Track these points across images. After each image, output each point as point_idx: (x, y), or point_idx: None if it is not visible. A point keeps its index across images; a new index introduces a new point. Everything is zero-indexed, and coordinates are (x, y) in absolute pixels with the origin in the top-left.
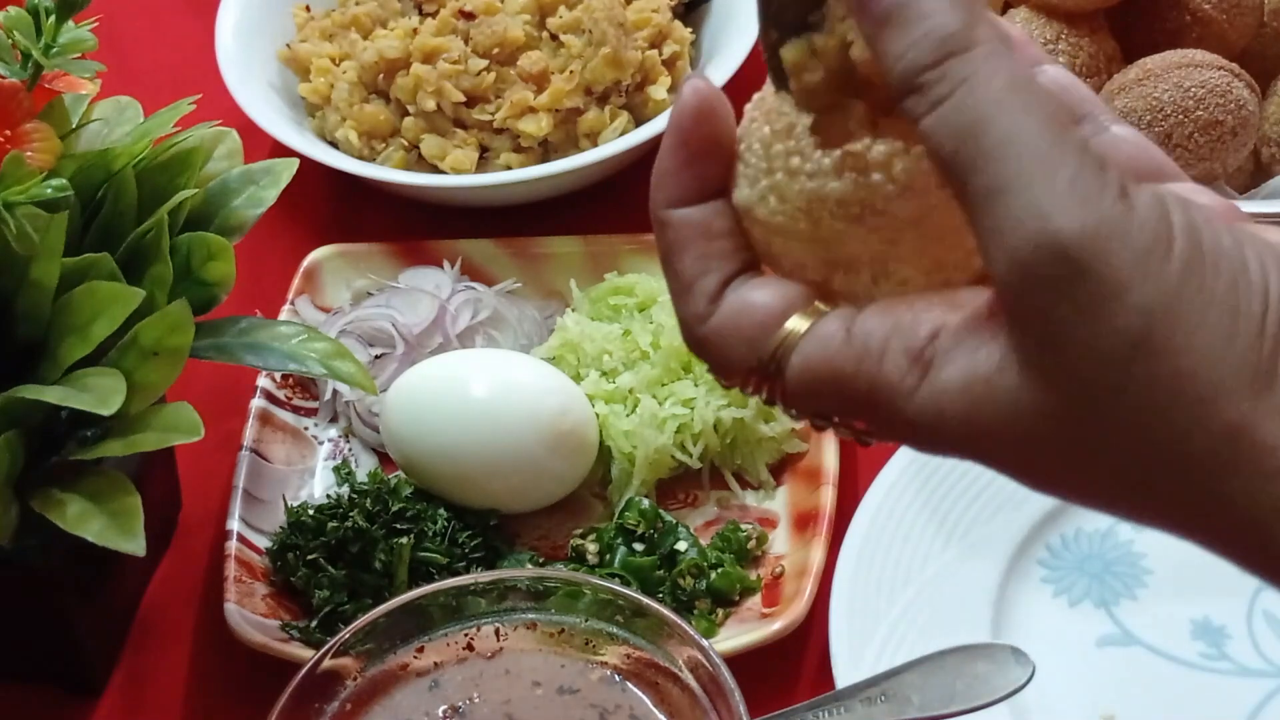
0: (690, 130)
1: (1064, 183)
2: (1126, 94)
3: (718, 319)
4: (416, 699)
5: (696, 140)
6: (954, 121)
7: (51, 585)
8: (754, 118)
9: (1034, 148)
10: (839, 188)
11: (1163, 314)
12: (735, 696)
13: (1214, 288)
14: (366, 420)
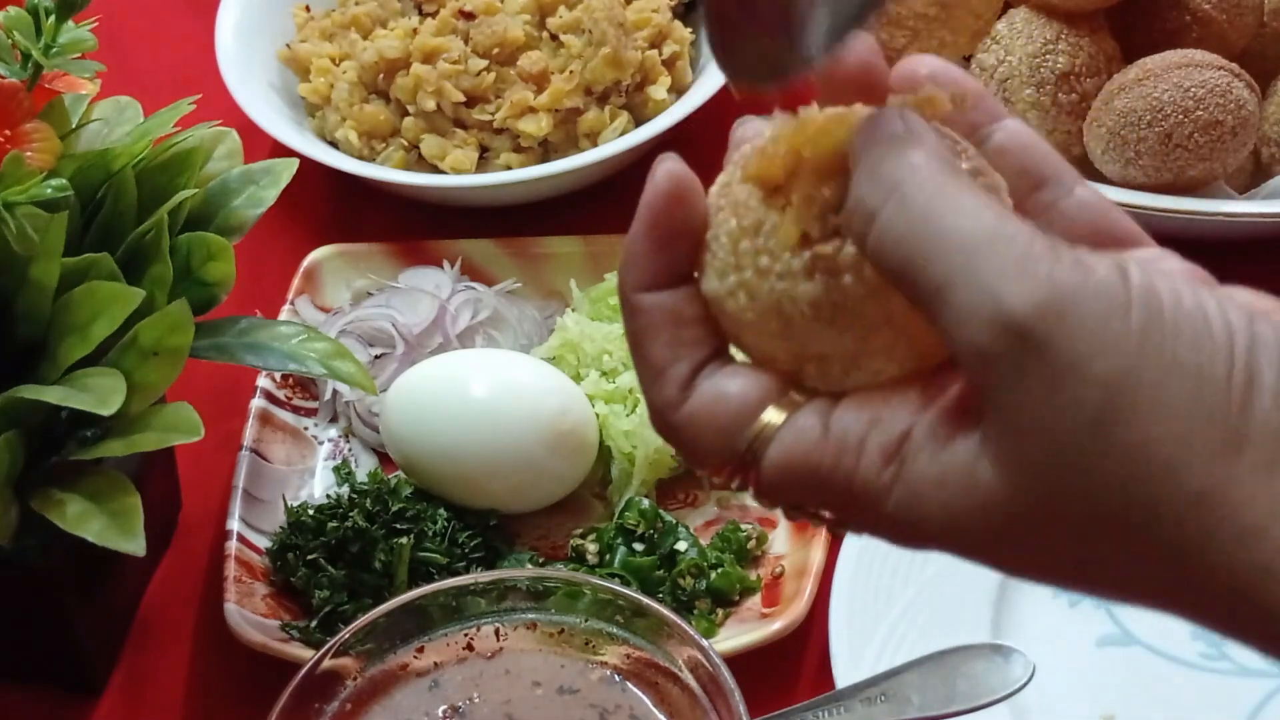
0: (661, 214)
1: (1011, 262)
2: (1126, 94)
3: (690, 407)
4: (416, 699)
5: (667, 224)
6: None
7: (51, 585)
8: (720, 206)
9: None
10: (810, 290)
11: (1122, 383)
12: (735, 696)
13: (1175, 351)
14: (366, 420)
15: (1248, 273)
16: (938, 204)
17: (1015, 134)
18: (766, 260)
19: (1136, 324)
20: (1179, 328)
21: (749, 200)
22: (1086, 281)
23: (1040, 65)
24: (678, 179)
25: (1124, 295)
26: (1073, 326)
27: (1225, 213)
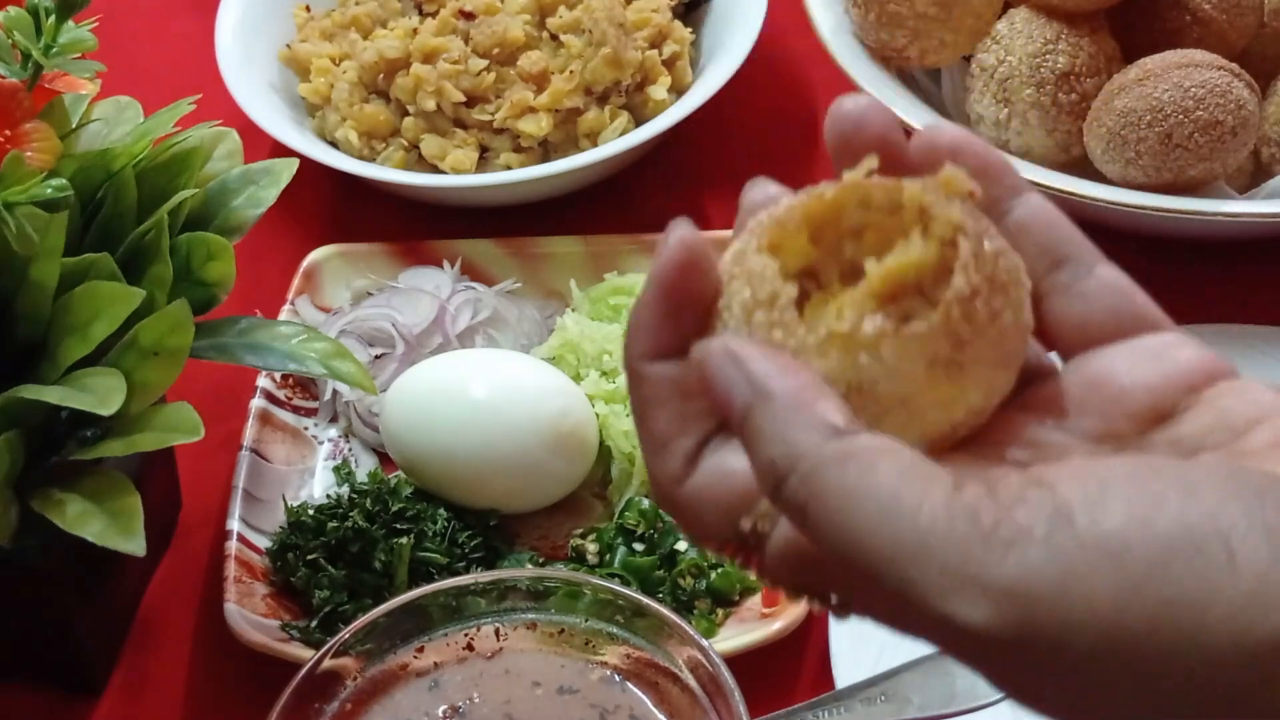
0: (673, 284)
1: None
2: (1126, 94)
3: (694, 483)
4: (416, 699)
5: (679, 295)
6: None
7: (51, 585)
8: (734, 275)
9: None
10: (823, 367)
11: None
12: (735, 696)
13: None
14: (366, 420)
15: (1248, 273)
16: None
17: (1037, 210)
18: (780, 334)
19: (1105, 588)
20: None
21: (764, 271)
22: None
23: (1040, 65)
24: (690, 247)
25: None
26: (1042, 622)
27: (1225, 213)
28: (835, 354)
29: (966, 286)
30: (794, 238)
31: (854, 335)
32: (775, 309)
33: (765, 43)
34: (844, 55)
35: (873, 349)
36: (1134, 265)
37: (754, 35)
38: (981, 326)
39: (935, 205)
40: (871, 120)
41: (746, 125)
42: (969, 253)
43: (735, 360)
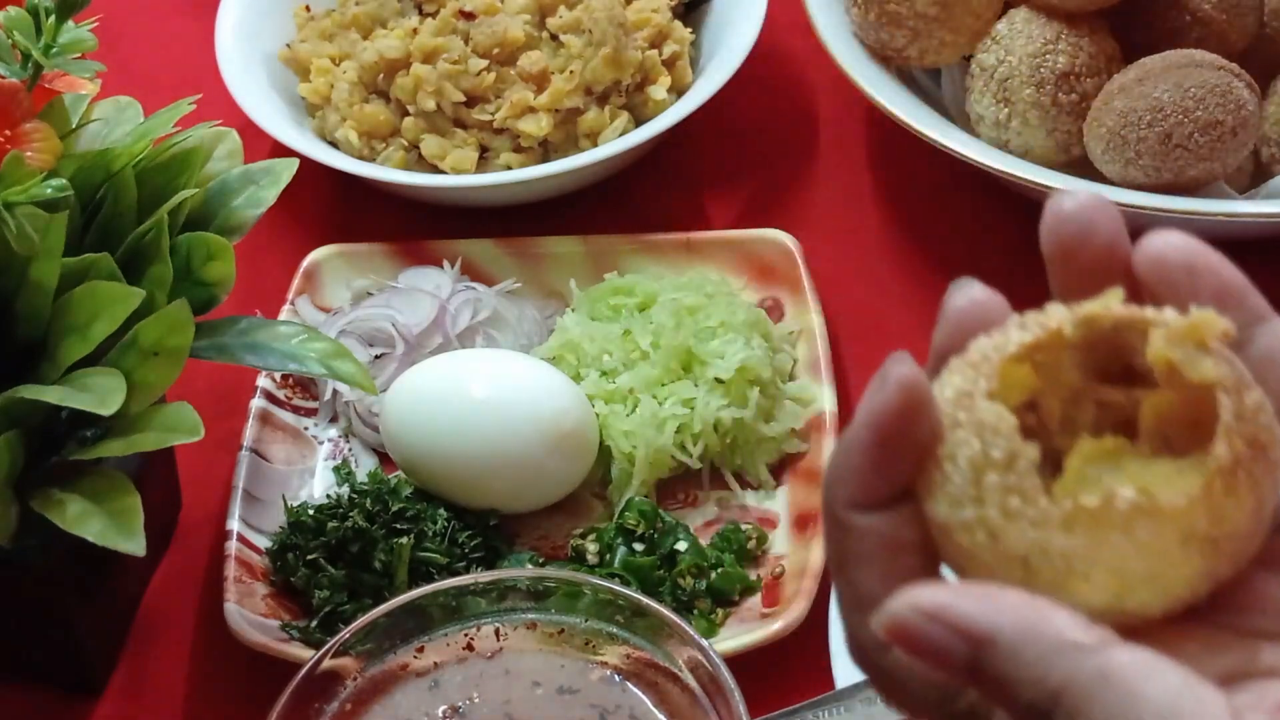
0: (892, 428)
1: None
2: (1126, 94)
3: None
4: (416, 699)
5: (896, 441)
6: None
7: (51, 585)
8: (959, 422)
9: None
10: (1068, 544)
11: None
12: (735, 696)
13: None
14: (366, 420)
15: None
16: None
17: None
18: (1017, 502)
19: None
20: None
21: (998, 424)
22: None
23: (1040, 65)
24: (911, 389)
25: None
26: None
27: (1225, 213)
28: (1082, 530)
29: (1229, 456)
30: (1018, 372)
31: (1105, 511)
32: (1013, 473)
33: (765, 43)
34: (844, 55)
35: (1126, 528)
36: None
37: (754, 35)
38: (1242, 498)
39: (1186, 362)
40: (1099, 227)
41: (746, 125)
42: (1231, 415)
43: (931, 617)
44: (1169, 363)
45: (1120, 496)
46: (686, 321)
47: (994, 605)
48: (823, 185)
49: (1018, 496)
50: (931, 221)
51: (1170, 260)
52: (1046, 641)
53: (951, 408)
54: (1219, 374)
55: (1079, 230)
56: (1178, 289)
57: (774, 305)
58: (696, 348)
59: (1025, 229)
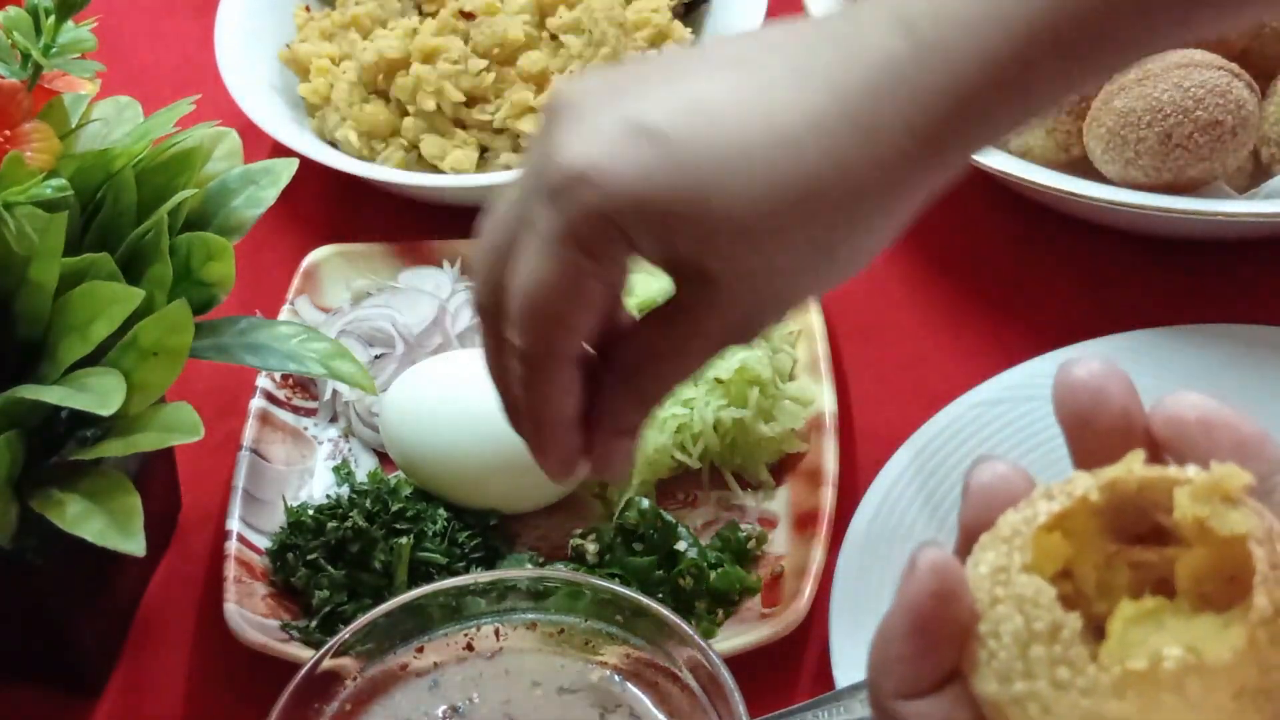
0: (930, 615)
1: None
2: (1126, 94)
3: None
4: (416, 699)
5: (937, 625)
6: None
7: (51, 585)
8: (998, 598)
9: None
10: (1120, 710)
11: None
12: (735, 696)
13: None
14: (366, 420)
15: (1248, 273)
16: None
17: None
18: (1066, 673)
19: None
20: None
21: (1038, 597)
22: None
23: None
24: (943, 571)
25: None
26: None
27: (1225, 213)
28: (1133, 694)
29: (1270, 607)
30: (1049, 538)
31: (1154, 673)
32: (1058, 644)
33: None
34: None
35: (1178, 687)
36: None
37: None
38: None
39: (1214, 518)
40: (1112, 395)
41: None
42: (1266, 563)
43: None
44: (1198, 520)
45: (1168, 657)
46: None
47: None
48: None
49: (1066, 667)
50: (931, 221)
51: (1187, 419)
52: None
53: (989, 584)
54: (1249, 526)
55: (1092, 399)
56: (1197, 446)
57: None
58: None
59: (1025, 229)
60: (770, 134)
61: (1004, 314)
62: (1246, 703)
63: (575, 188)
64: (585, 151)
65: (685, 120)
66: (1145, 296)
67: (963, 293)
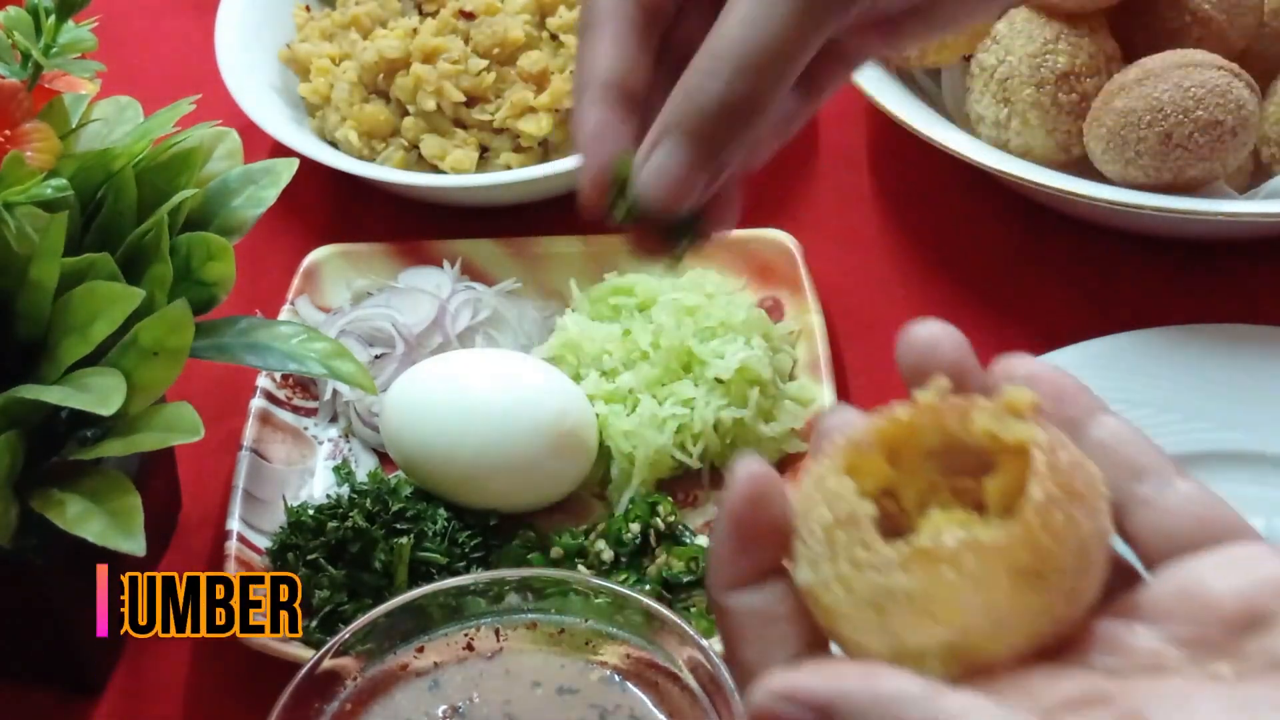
0: (745, 516)
1: None
2: (1126, 94)
3: None
4: (416, 699)
5: (751, 526)
6: None
7: (51, 585)
8: (812, 496)
9: None
10: (907, 582)
11: None
12: (735, 696)
13: None
14: (366, 420)
15: (1248, 273)
16: None
17: (1114, 429)
18: (862, 552)
19: None
20: None
21: (841, 491)
22: None
23: (1040, 65)
24: (757, 480)
25: None
26: None
27: (1225, 213)
28: (919, 569)
29: (1042, 495)
30: (871, 460)
31: (936, 550)
32: (855, 526)
33: None
34: None
35: (955, 562)
36: (1134, 265)
37: None
38: (1061, 535)
39: (1003, 427)
40: (943, 347)
41: None
42: (1043, 464)
43: (784, 697)
44: (989, 433)
45: (948, 535)
46: (686, 321)
47: (835, 676)
48: (823, 185)
49: (862, 547)
50: (931, 221)
51: (1016, 374)
52: (883, 699)
53: (810, 489)
54: (1031, 434)
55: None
56: None
57: (774, 305)
58: (696, 348)
59: (1025, 229)
60: None
61: (1004, 314)
62: (1023, 585)
63: None
64: None
65: None
66: (1145, 296)
67: (963, 293)
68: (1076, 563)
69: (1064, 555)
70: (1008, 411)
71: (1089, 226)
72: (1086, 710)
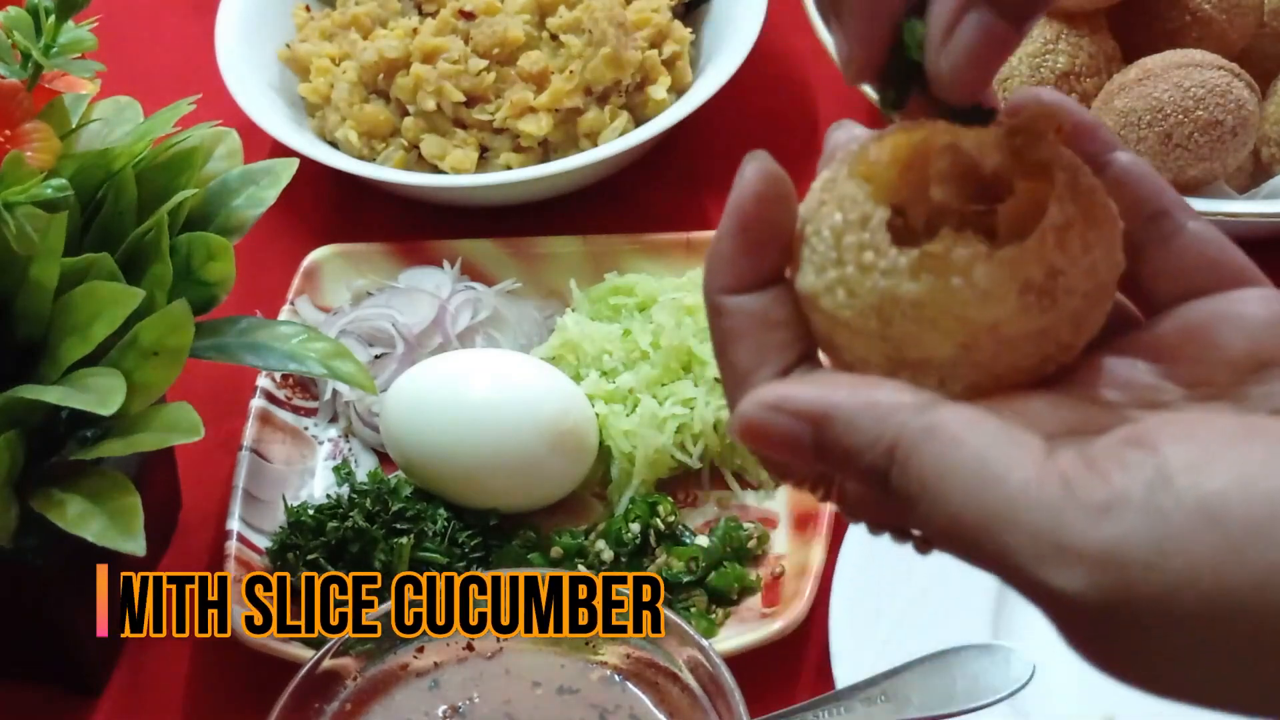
0: (752, 214)
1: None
2: (1126, 94)
3: None
4: (416, 699)
5: (758, 225)
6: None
7: (51, 585)
8: (824, 200)
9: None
10: (914, 289)
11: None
12: (735, 696)
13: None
14: (366, 420)
15: None
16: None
17: (1129, 166)
18: (871, 255)
19: (1205, 551)
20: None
21: (856, 194)
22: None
23: (1040, 65)
24: (770, 177)
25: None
26: (1138, 588)
27: (1225, 213)
28: (927, 276)
29: (1061, 216)
30: (884, 170)
31: (948, 257)
32: (867, 230)
33: (765, 42)
34: None
35: (965, 271)
36: None
37: (754, 35)
38: (1074, 256)
39: (1028, 145)
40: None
41: (746, 125)
42: (1064, 184)
43: (774, 408)
44: (1013, 150)
45: (960, 244)
46: (686, 321)
47: (828, 387)
48: None
49: (871, 251)
50: None
51: (1028, 106)
52: (878, 409)
53: (819, 193)
54: (1054, 154)
55: None
56: None
57: None
58: (696, 348)
59: None
60: None
61: None
62: (1030, 300)
63: None
64: None
65: None
66: None
67: None
68: (1087, 287)
69: (1076, 277)
70: (1028, 132)
71: None
72: (1090, 437)
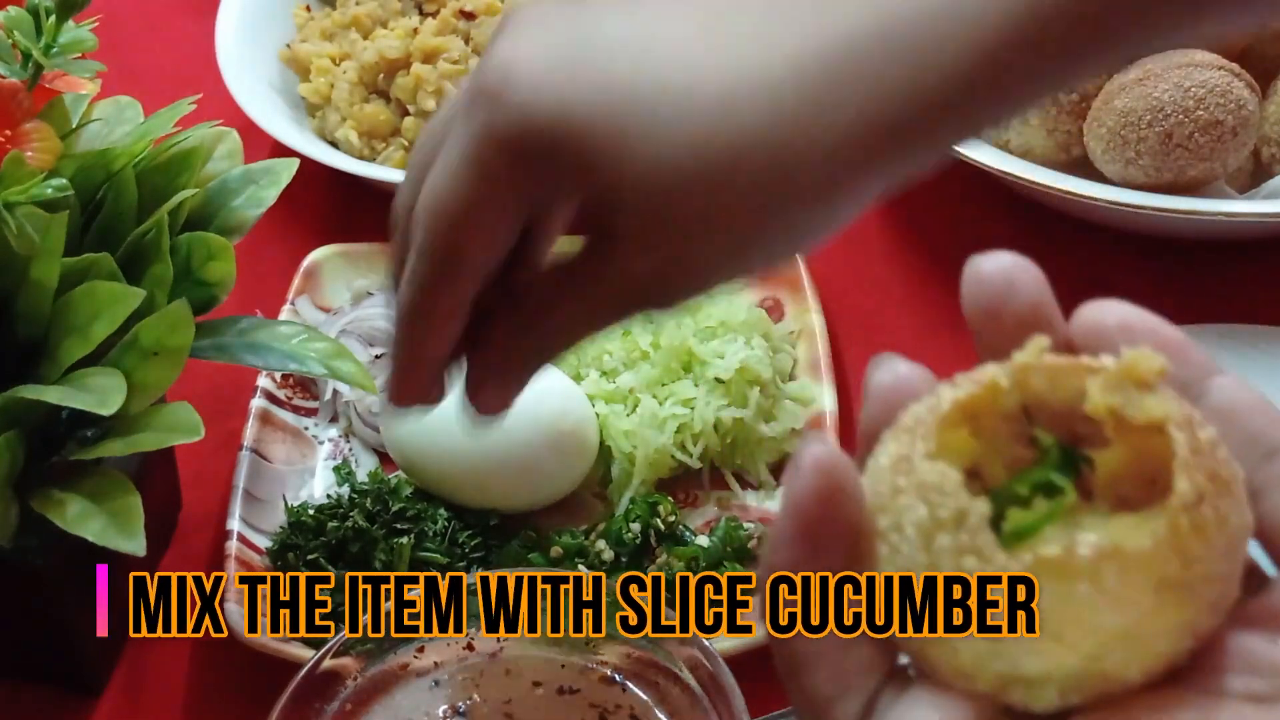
0: (816, 517)
1: None
2: (1126, 94)
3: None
4: (417, 699)
5: (824, 529)
6: None
7: (51, 585)
8: (900, 488)
9: None
10: None
11: None
12: (735, 696)
13: None
14: (366, 420)
15: (1248, 273)
16: None
17: (1235, 393)
18: (973, 562)
19: None
20: None
21: (943, 483)
22: None
23: None
24: (830, 471)
25: None
26: None
27: (1225, 213)
28: (1046, 584)
29: (1192, 491)
30: (958, 437)
31: (1068, 561)
32: (964, 531)
33: None
34: None
35: (1092, 575)
36: (1134, 265)
37: None
38: (1211, 537)
39: (1129, 405)
40: (1020, 286)
41: None
42: (1187, 448)
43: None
44: (1111, 410)
45: (1083, 543)
46: (686, 321)
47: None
48: None
49: (973, 556)
50: (931, 221)
51: (1107, 324)
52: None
53: (890, 475)
54: (1166, 410)
55: (1000, 291)
56: (1115, 349)
57: (774, 305)
58: (696, 348)
59: (1025, 229)
60: (716, 91)
61: None
62: (1168, 596)
63: (499, 91)
64: (517, 55)
65: (631, 51)
66: (1145, 296)
67: None
68: (1225, 568)
69: (1214, 560)
70: (1130, 380)
71: (1089, 226)
72: None
